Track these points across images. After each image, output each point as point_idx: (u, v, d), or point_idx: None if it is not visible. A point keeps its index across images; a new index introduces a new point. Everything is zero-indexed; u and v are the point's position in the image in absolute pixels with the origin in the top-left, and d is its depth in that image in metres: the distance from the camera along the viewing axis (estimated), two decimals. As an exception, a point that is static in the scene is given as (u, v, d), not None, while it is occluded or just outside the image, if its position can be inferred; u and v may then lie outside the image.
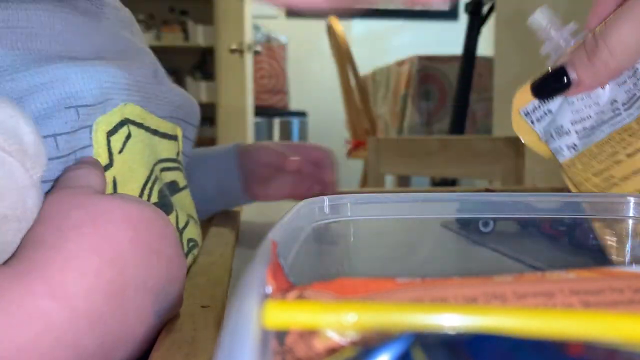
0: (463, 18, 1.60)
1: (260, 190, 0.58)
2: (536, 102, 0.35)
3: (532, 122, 0.36)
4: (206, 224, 0.56)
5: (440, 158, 1.29)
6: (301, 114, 3.17)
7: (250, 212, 0.63)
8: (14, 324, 0.20)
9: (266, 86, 3.10)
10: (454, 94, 1.90)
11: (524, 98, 0.35)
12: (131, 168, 0.33)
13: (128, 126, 0.33)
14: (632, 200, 0.30)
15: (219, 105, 2.93)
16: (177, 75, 3.20)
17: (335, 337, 0.15)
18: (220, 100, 2.92)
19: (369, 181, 2.06)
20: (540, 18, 0.35)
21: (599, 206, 0.31)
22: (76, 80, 0.30)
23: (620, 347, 0.13)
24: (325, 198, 0.29)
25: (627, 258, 0.33)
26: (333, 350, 0.15)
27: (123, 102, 0.33)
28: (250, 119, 2.88)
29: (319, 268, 0.30)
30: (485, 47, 1.93)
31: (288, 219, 0.23)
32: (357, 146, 2.25)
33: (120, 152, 0.32)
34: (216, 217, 0.58)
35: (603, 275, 0.17)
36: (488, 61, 1.86)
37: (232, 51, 2.63)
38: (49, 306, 0.20)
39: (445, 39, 3.24)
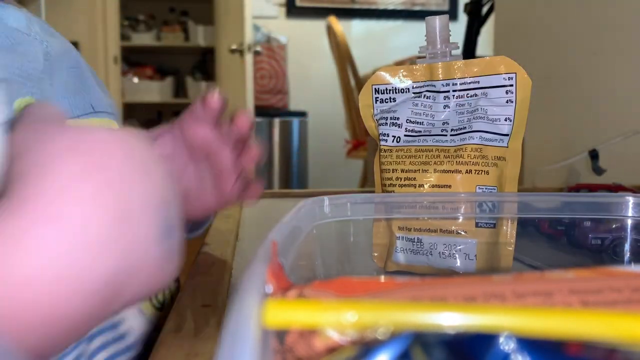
0: (462, 19, 1.60)
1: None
2: (389, 85, 0.39)
3: (376, 99, 0.40)
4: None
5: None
6: (301, 114, 3.16)
7: (250, 212, 0.63)
8: (15, 258, 0.19)
9: (266, 86, 3.09)
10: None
11: (382, 79, 0.40)
12: None
13: None
14: (630, 200, 0.30)
15: (219, 105, 2.93)
16: (177, 76, 3.20)
17: (335, 336, 0.15)
18: (220, 101, 2.91)
19: (369, 181, 2.06)
20: (436, 24, 0.38)
21: (598, 206, 0.31)
22: None
23: (619, 346, 0.14)
24: (325, 198, 0.29)
25: (626, 257, 0.33)
26: (333, 349, 0.15)
27: (25, 95, 0.32)
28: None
29: (319, 268, 0.30)
30: (484, 47, 1.92)
31: (288, 219, 0.23)
32: (357, 146, 2.25)
33: None
34: (216, 217, 0.58)
35: (602, 275, 0.17)
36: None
37: (232, 51, 2.63)
38: (48, 237, 0.20)
39: (445, 39, 3.22)
